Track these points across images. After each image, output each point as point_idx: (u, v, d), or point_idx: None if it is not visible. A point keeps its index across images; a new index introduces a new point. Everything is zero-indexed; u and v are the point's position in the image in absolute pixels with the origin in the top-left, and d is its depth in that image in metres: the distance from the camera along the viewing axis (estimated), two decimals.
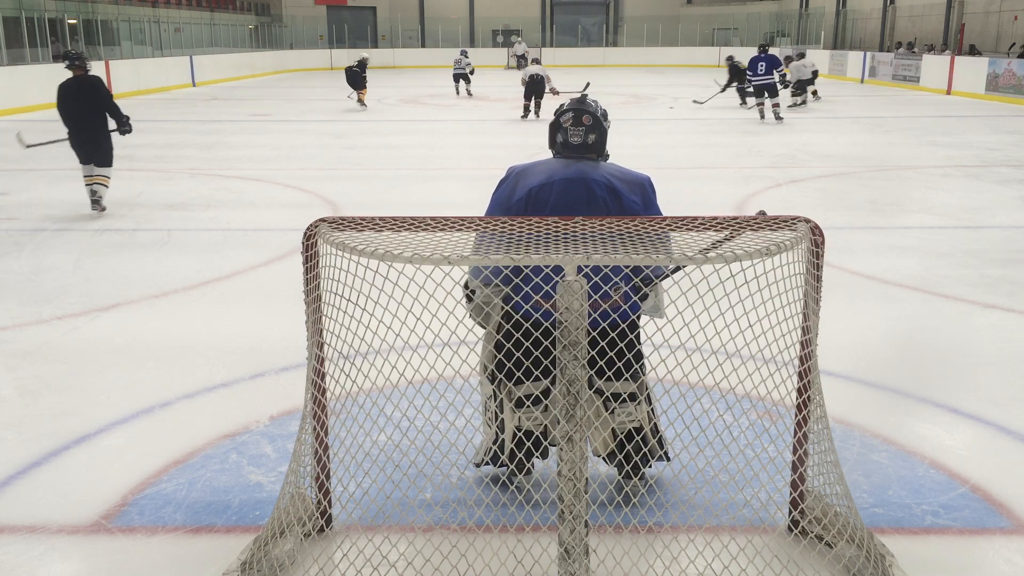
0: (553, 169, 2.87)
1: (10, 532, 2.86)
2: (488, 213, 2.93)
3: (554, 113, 3.01)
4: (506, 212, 2.86)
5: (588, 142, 2.91)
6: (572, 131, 2.91)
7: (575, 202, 2.79)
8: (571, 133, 2.91)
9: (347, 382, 2.62)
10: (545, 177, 2.84)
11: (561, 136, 2.93)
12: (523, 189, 2.85)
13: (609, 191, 2.81)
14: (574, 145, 2.90)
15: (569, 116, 2.92)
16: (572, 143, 2.90)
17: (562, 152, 2.94)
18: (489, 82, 27.31)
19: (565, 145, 2.92)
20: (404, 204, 8.53)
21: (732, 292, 2.38)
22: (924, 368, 4.29)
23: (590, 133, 2.91)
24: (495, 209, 2.91)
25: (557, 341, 2.21)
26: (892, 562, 2.51)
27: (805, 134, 11.35)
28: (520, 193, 2.85)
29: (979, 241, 6.81)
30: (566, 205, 2.78)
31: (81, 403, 3.86)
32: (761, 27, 41.14)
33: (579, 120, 2.91)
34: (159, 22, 29.83)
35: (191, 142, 13.30)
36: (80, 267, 6.17)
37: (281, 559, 2.59)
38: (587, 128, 2.90)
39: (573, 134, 2.90)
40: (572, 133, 2.91)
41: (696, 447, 2.82)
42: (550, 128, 3.00)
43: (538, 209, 2.80)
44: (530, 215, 2.77)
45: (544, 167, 2.90)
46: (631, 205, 2.82)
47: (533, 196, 2.81)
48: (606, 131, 2.98)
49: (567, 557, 2.29)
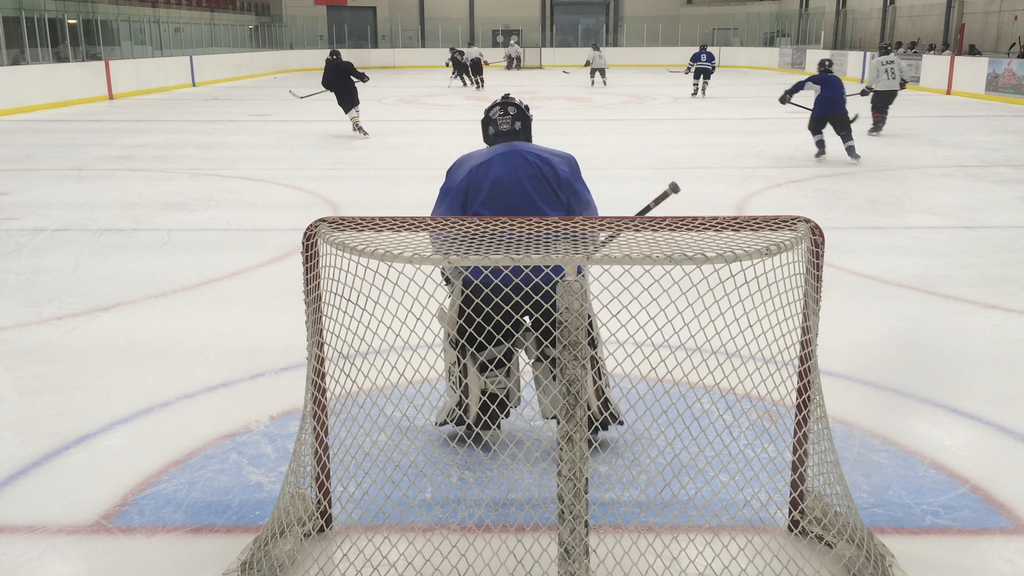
0: (490, 151, 3.27)
1: (10, 532, 2.86)
2: (438, 201, 3.24)
3: (484, 111, 3.41)
4: (452, 195, 3.19)
5: (515, 128, 3.34)
6: (500, 120, 3.35)
7: (514, 171, 3.13)
8: (500, 122, 3.35)
9: (347, 382, 2.62)
10: (484, 157, 3.22)
11: (492, 128, 3.37)
12: (464, 170, 3.20)
13: (541, 160, 3.17)
14: (504, 132, 3.34)
15: (496, 109, 3.39)
16: (502, 130, 3.34)
17: (494, 140, 3.37)
18: (489, 82, 27.31)
19: (496, 134, 3.35)
20: (404, 204, 8.53)
21: (732, 292, 2.38)
22: (924, 368, 4.29)
23: (516, 120, 3.35)
24: (443, 196, 3.22)
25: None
26: (892, 562, 2.51)
27: (805, 134, 11.36)
28: (462, 174, 3.20)
29: (979, 241, 6.81)
30: (507, 174, 3.13)
31: (81, 403, 3.86)
32: (761, 27, 41.16)
33: (505, 110, 3.36)
34: (159, 22, 29.85)
35: (191, 142, 13.30)
36: (80, 267, 6.17)
37: (281, 559, 2.59)
38: (512, 116, 3.35)
39: (502, 122, 3.35)
40: (501, 122, 3.35)
41: (696, 447, 2.82)
42: (482, 124, 3.42)
43: (480, 183, 3.13)
44: (472, 192, 3.14)
45: (482, 151, 3.31)
46: (563, 172, 3.19)
47: (473, 174, 3.16)
48: (530, 121, 3.40)
49: (567, 557, 2.29)
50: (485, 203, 3.10)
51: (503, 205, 3.09)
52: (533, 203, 3.10)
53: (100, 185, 9.60)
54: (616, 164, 10.84)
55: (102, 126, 15.79)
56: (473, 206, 3.13)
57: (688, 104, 19.78)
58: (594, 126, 15.60)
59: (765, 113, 17.16)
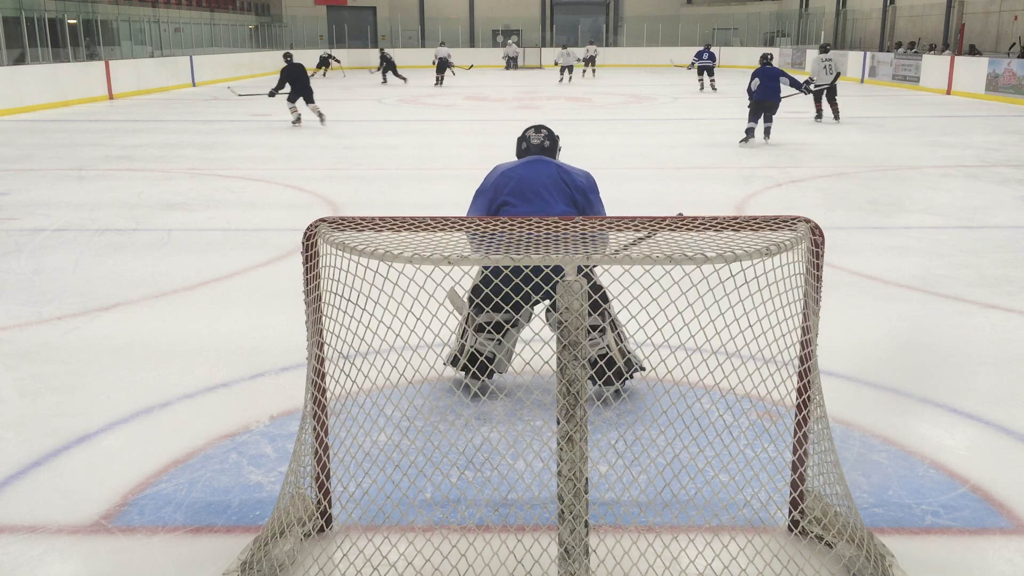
0: (520, 160, 3.93)
1: (10, 532, 2.86)
2: (472, 201, 3.84)
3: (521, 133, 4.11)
4: (485, 194, 3.78)
5: (544, 145, 4.03)
6: (533, 137, 4.06)
7: (537, 173, 3.76)
8: (532, 138, 4.06)
9: (347, 382, 2.62)
10: (513, 164, 3.89)
11: (525, 143, 4.07)
12: (496, 173, 3.82)
13: (561, 169, 3.81)
14: (534, 146, 4.03)
15: (531, 129, 4.10)
16: (533, 144, 4.04)
17: (524, 154, 4.05)
18: (489, 82, 27.31)
19: (528, 148, 4.04)
20: (404, 204, 8.54)
21: (732, 292, 2.38)
22: (924, 368, 4.29)
23: (546, 139, 4.05)
24: (478, 197, 3.82)
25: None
26: (892, 562, 2.51)
27: (805, 134, 11.36)
28: (494, 176, 3.81)
29: (979, 241, 6.81)
30: (531, 174, 3.76)
31: (81, 403, 3.86)
32: (761, 27, 41.15)
33: (539, 130, 4.08)
34: (159, 22, 29.85)
35: (191, 142, 13.30)
36: (80, 267, 6.17)
37: (281, 559, 2.59)
38: (544, 135, 4.06)
39: (534, 139, 4.05)
40: (533, 138, 4.06)
41: (696, 447, 2.82)
42: (517, 141, 4.11)
43: (508, 181, 3.74)
44: (500, 187, 3.74)
45: (514, 161, 3.98)
46: (580, 181, 3.80)
47: (504, 174, 3.79)
48: (558, 142, 4.10)
49: (567, 557, 2.29)
50: (511, 192, 3.71)
51: (526, 195, 3.69)
52: (552, 195, 3.69)
53: (100, 185, 9.60)
54: (616, 164, 10.84)
55: (102, 126, 15.79)
56: (501, 196, 3.72)
57: (688, 104, 19.78)
58: (594, 126, 15.60)
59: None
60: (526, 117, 16.49)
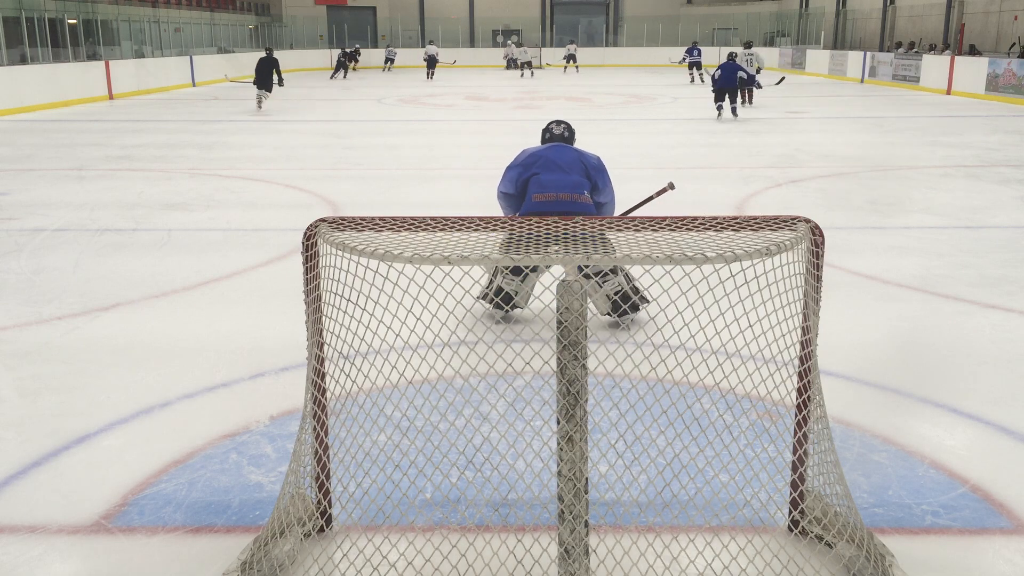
0: (544, 144, 4.91)
1: (10, 532, 2.86)
2: (504, 173, 4.74)
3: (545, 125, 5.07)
4: (516, 169, 4.68)
5: (564, 135, 4.97)
6: (555, 128, 5.01)
7: (559, 154, 4.68)
8: (555, 129, 5.00)
9: (347, 382, 2.62)
10: (538, 147, 4.83)
11: (548, 133, 5.02)
12: (525, 154, 4.74)
13: (577, 152, 4.73)
14: (556, 135, 4.97)
15: (554, 122, 5.07)
16: (555, 134, 4.98)
17: (547, 141, 4.96)
18: (489, 82, 27.31)
19: (551, 137, 4.97)
20: (404, 204, 8.53)
21: (732, 292, 2.38)
22: (924, 368, 4.29)
23: (566, 131, 5.00)
24: (510, 170, 4.72)
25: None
26: (892, 562, 2.51)
27: (805, 134, 11.36)
28: (523, 156, 4.74)
29: (979, 241, 6.81)
30: (555, 154, 4.68)
31: (81, 403, 3.86)
32: (761, 27, 41.14)
33: (560, 123, 5.04)
34: (159, 22, 29.83)
35: (191, 142, 13.30)
36: (80, 267, 6.17)
37: (281, 559, 2.59)
38: (564, 127, 5.02)
39: (556, 129, 5.00)
40: (556, 129, 5.00)
41: (696, 447, 2.82)
42: (542, 132, 5.06)
43: (536, 159, 4.66)
44: (529, 163, 4.64)
45: (540, 145, 4.93)
46: (592, 161, 4.73)
47: (532, 154, 4.71)
48: (574, 134, 5.03)
49: (567, 557, 2.29)
50: (539, 166, 4.61)
51: (551, 167, 4.59)
52: (571, 169, 4.61)
53: (100, 185, 9.59)
54: (616, 164, 10.76)
55: (102, 126, 15.79)
56: (531, 169, 4.62)
57: (688, 104, 19.77)
58: (594, 126, 15.59)
59: (765, 113, 17.17)
60: (526, 117, 16.51)
